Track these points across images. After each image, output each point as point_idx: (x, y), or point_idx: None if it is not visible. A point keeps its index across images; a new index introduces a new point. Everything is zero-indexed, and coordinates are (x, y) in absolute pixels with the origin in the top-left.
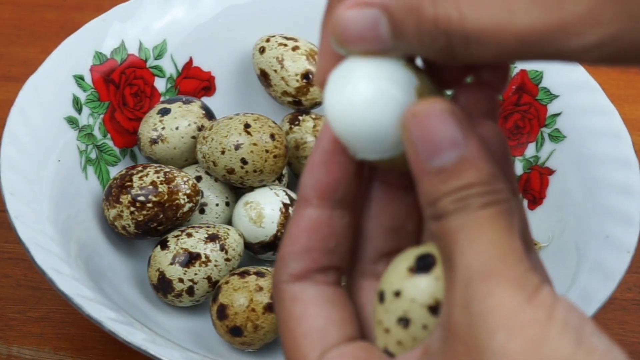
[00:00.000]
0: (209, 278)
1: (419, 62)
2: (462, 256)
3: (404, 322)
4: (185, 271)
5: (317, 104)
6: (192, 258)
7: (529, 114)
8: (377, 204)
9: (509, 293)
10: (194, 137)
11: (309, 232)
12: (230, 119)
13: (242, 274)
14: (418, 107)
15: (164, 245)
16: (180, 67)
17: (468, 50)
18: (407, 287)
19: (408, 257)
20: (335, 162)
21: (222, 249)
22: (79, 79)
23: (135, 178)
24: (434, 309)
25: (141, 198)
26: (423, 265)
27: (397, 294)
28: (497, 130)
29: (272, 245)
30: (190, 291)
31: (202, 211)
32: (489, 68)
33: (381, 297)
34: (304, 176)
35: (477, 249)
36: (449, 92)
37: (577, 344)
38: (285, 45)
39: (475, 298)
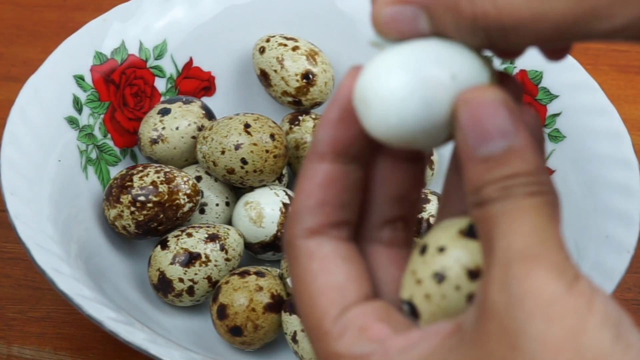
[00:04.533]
0: (209, 278)
1: None
2: (503, 237)
3: (440, 277)
4: (186, 271)
5: (317, 104)
6: (192, 258)
7: None
8: (383, 172)
9: (549, 278)
10: (194, 137)
11: (324, 186)
12: (230, 119)
13: (242, 274)
14: (470, 94)
15: (164, 245)
16: (180, 67)
17: (507, 41)
18: (453, 245)
19: (461, 222)
20: (354, 119)
21: (222, 249)
22: (79, 79)
23: (135, 178)
24: (473, 274)
25: (141, 198)
26: (475, 231)
27: (442, 249)
28: (537, 117)
29: (272, 245)
30: (190, 291)
31: (202, 211)
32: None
33: (423, 249)
34: (320, 132)
35: (519, 231)
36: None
37: (615, 339)
38: (285, 45)
39: (515, 278)
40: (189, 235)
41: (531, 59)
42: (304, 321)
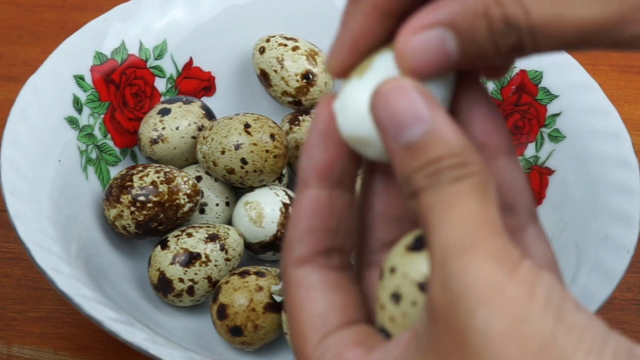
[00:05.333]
0: (209, 278)
1: None
2: (436, 233)
3: (396, 297)
4: (186, 271)
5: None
6: (192, 258)
7: (528, 114)
8: (376, 193)
9: (488, 268)
10: (194, 137)
11: (310, 212)
12: (230, 119)
13: (242, 274)
14: (382, 86)
15: (164, 245)
16: (180, 67)
17: (535, 43)
18: (400, 263)
19: (409, 237)
20: (331, 142)
21: (222, 248)
22: (79, 79)
23: (135, 178)
24: (423, 286)
25: (141, 198)
26: (418, 244)
27: (392, 270)
28: (515, 163)
29: (272, 245)
30: (190, 291)
31: (202, 211)
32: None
33: (381, 275)
34: (302, 160)
35: (449, 224)
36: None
37: (557, 322)
38: (285, 45)
39: (453, 276)
40: (189, 235)
41: (531, 59)
42: (293, 348)
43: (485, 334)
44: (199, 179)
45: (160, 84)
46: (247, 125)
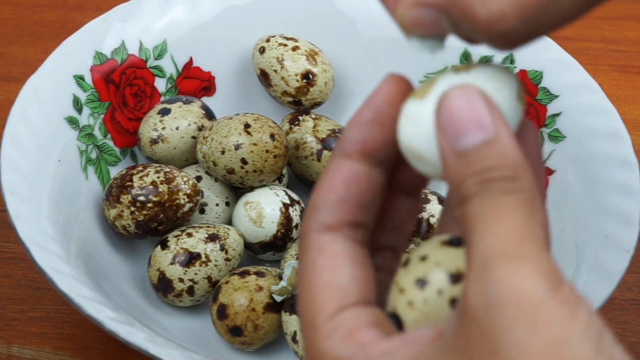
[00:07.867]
0: (209, 278)
1: None
2: (480, 238)
3: (422, 283)
4: (186, 271)
5: (317, 104)
6: (192, 258)
7: (528, 114)
8: (383, 203)
9: (532, 280)
10: (194, 137)
11: (347, 182)
12: (230, 119)
13: (242, 274)
14: (450, 90)
15: (164, 245)
16: (180, 67)
17: (528, 33)
18: (434, 254)
19: (444, 235)
20: (387, 122)
21: (222, 248)
22: (79, 79)
23: (135, 178)
24: (455, 277)
25: (141, 198)
26: (456, 241)
27: (423, 258)
28: (534, 129)
29: (272, 245)
30: (190, 291)
31: (202, 211)
32: None
33: (406, 262)
34: (349, 131)
35: (495, 232)
36: None
37: (597, 351)
38: (285, 45)
39: (493, 280)
40: (189, 235)
41: (531, 59)
42: (301, 313)
43: (523, 347)
44: (199, 179)
45: (160, 84)
46: (247, 125)
